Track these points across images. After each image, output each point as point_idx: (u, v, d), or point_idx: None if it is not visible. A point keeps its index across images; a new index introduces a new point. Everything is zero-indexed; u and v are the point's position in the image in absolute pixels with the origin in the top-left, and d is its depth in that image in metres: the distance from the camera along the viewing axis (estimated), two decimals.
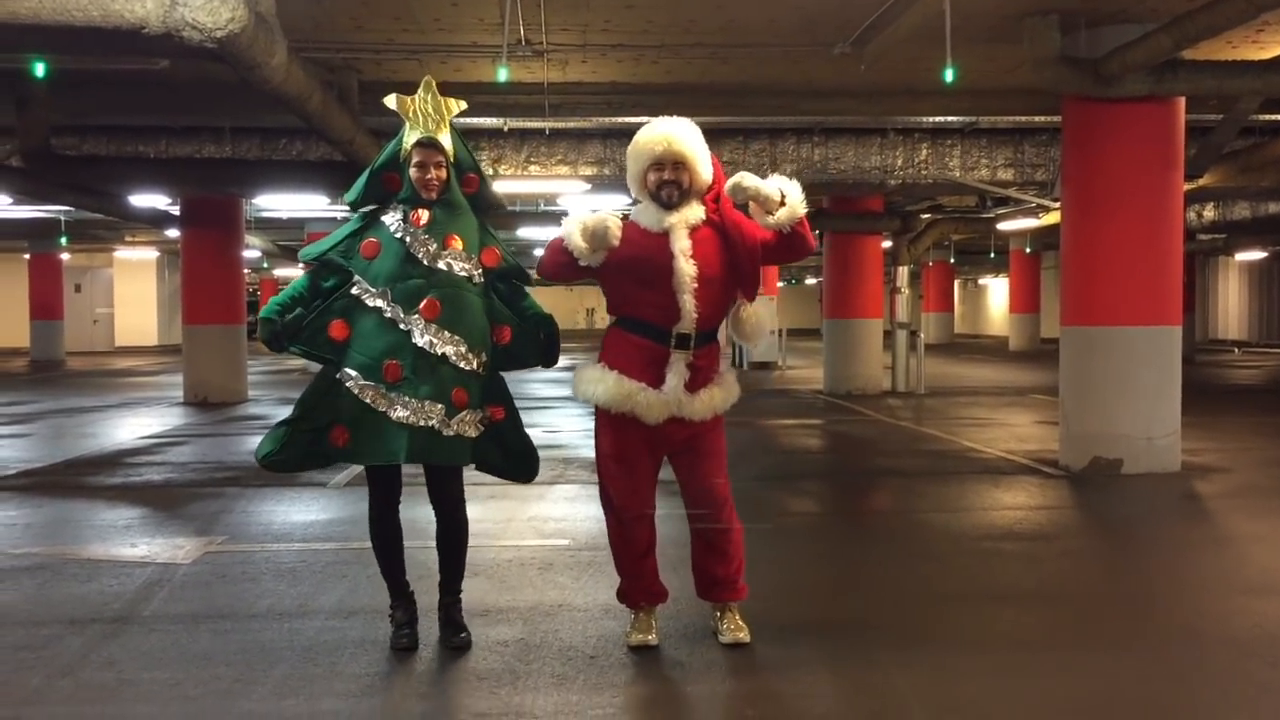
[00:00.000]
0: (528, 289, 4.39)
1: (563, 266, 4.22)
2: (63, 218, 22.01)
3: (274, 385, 18.07)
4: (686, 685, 3.98)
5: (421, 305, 4.07)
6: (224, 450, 10.37)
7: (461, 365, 4.10)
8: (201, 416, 13.38)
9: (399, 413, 4.03)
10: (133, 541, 6.26)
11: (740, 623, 4.36)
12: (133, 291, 33.51)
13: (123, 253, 31.02)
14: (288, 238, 26.20)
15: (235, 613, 4.83)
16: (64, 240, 24.68)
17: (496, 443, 4.29)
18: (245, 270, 18.01)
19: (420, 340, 4.06)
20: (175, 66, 8.83)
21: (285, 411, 4.51)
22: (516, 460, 4.38)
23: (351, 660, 4.17)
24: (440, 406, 4.05)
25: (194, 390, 15.11)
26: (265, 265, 36.19)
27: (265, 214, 19.93)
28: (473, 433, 4.16)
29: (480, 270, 4.21)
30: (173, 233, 17.03)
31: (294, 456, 4.20)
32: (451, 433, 4.09)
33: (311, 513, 7.10)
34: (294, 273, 38.29)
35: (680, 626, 4.54)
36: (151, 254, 32.02)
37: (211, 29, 5.31)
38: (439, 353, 4.07)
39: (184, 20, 5.25)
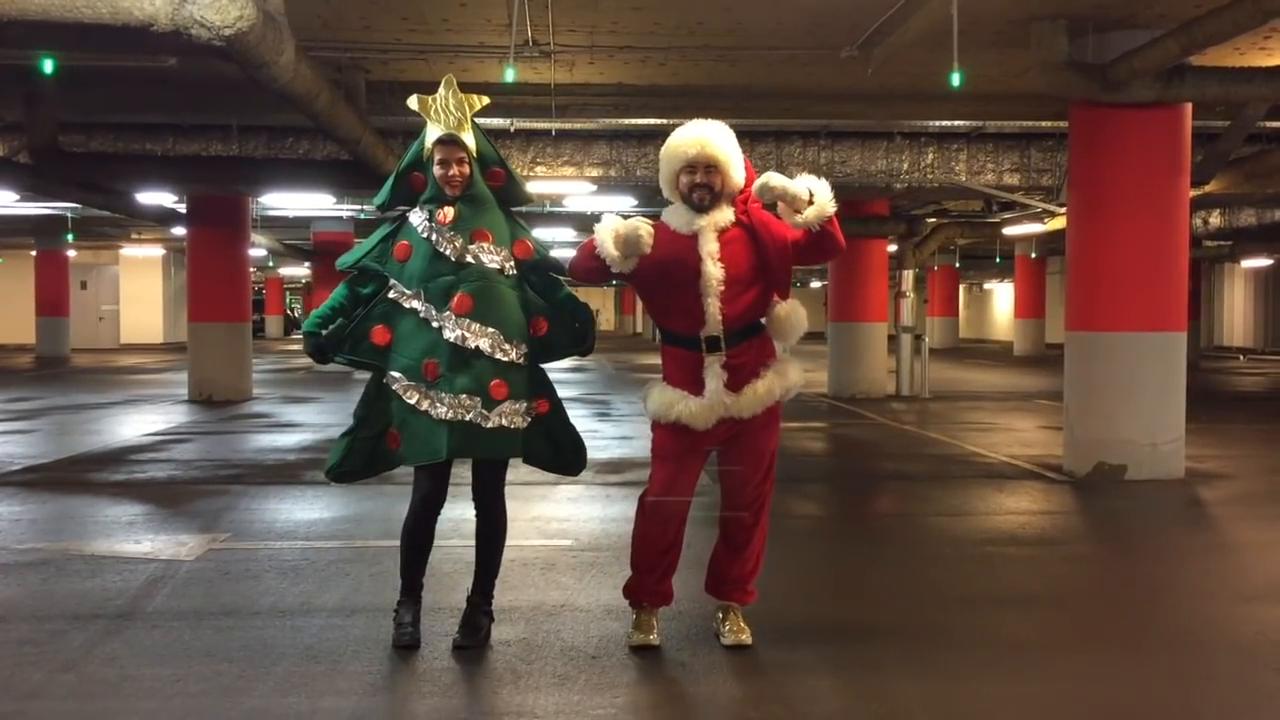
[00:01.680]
0: (563, 279, 4.40)
1: (594, 271, 4.24)
2: (69, 215, 22.06)
3: (279, 384, 18.08)
4: (689, 687, 3.98)
5: (453, 301, 4.09)
6: (228, 448, 10.38)
7: (498, 357, 4.11)
8: (206, 414, 13.39)
9: (439, 410, 4.05)
10: (136, 538, 6.27)
11: (742, 625, 4.36)
12: (138, 289, 33.60)
13: (129, 250, 31.10)
14: (293, 236, 26.26)
15: (238, 610, 4.84)
16: (70, 237, 24.75)
17: (545, 436, 4.30)
18: (251, 269, 18.03)
19: (451, 335, 4.07)
20: (183, 65, 8.84)
21: (290, 410, 4.53)
22: (566, 453, 4.38)
23: (354, 658, 4.18)
24: (478, 399, 4.06)
25: (199, 388, 15.10)
26: (271, 264, 36.28)
27: (271, 212, 19.98)
28: (520, 423, 4.16)
29: (512, 262, 4.22)
30: (179, 230, 17.05)
31: (359, 466, 4.24)
32: (493, 425, 4.09)
33: (315, 511, 7.11)
34: (299, 271, 38.40)
35: (682, 628, 4.54)
36: (157, 251, 32.09)
37: (220, 27, 5.31)
38: (473, 346, 4.08)
39: (192, 18, 5.25)
